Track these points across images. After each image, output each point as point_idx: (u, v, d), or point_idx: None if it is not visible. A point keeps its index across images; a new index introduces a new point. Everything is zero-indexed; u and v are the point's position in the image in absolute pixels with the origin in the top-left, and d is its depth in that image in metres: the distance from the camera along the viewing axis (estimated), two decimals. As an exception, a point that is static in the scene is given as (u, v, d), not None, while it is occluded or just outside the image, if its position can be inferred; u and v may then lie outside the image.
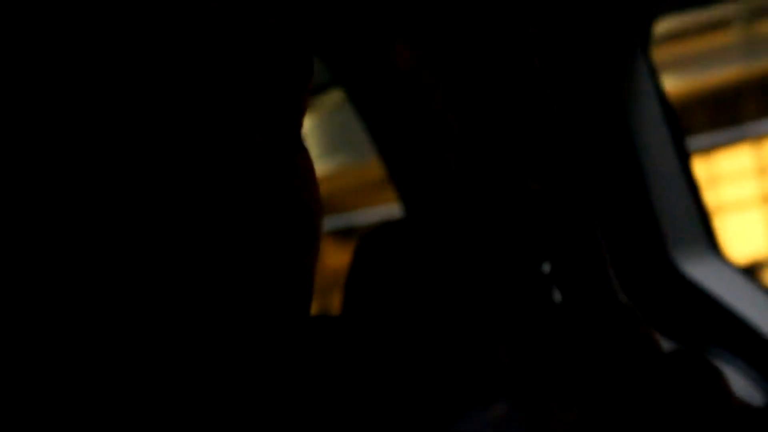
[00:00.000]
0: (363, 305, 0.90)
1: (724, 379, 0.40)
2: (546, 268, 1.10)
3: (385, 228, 1.06)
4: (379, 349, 0.52)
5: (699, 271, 1.23)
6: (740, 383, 1.18)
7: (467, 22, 1.18)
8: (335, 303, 1.15)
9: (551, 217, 1.23)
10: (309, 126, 0.46)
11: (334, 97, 1.46)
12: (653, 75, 1.22)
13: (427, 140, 1.25)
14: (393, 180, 1.29)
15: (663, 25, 1.20)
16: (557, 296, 1.12)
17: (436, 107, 1.24)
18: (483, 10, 1.16)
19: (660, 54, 1.25)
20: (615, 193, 1.22)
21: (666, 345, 1.21)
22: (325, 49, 1.30)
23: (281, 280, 0.40)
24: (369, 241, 1.05)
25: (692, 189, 1.24)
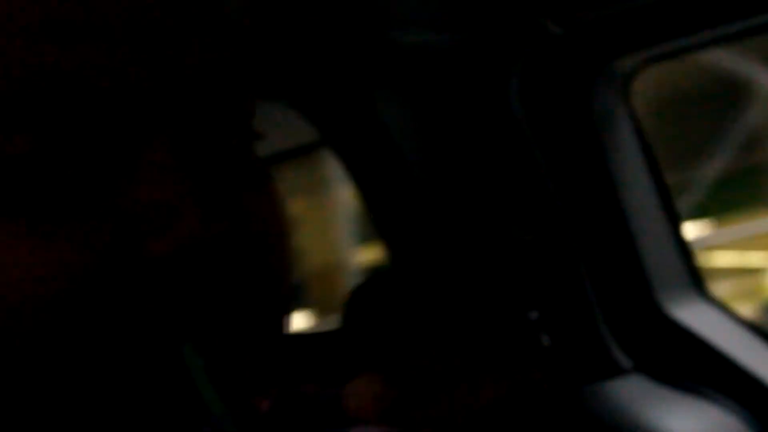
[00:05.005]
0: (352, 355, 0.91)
1: None
2: (534, 314, 1.11)
3: (372, 281, 1.08)
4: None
5: (686, 313, 1.24)
6: (732, 423, 1.19)
7: (448, 74, 1.20)
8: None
9: (539, 265, 1.24)
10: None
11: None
12: (635, 119, 1.24)
13: (414, 193, 1.26)
14: (380, 233, 1.31)
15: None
16: (546, 341, 1.14)
17: (422, 159, 1.25)
18: (464, 61, 1.18)
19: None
20: (599, 239, 1.23)
21: (657, 388, 1.21)
22: (312, 108, 1.31)
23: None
24: (357, 295, 1.06)
25: (676, 233, 1.26)
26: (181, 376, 0.39)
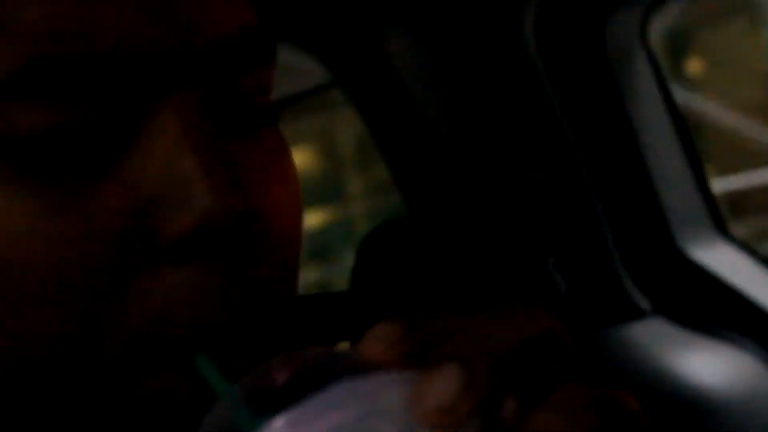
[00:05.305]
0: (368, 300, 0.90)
1: None
2: (551, 260, 1.10)
3: (388, 226, 1.06)
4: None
5: (705, 254, 1.22)
6: (752, 365, 1.18)
7: (461, 11, 1.18)
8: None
9: (555, 209, 1.23)
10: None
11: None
12: (652, 60, 1.22)
13: (426, 135, 1.25)
14: (395, 178, 1.29)
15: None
16: (563, 286, 1.13)
17: (434, 101, 1.24)
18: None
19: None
20: (616, 180, 1.22)
21: (676, 330, 1.20)
22: (322, 49, 1.30)
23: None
24: (372, 240, 1.05)
25: (696, 173, 1.24)
26: (195, 377, 0.37)
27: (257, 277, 0.40)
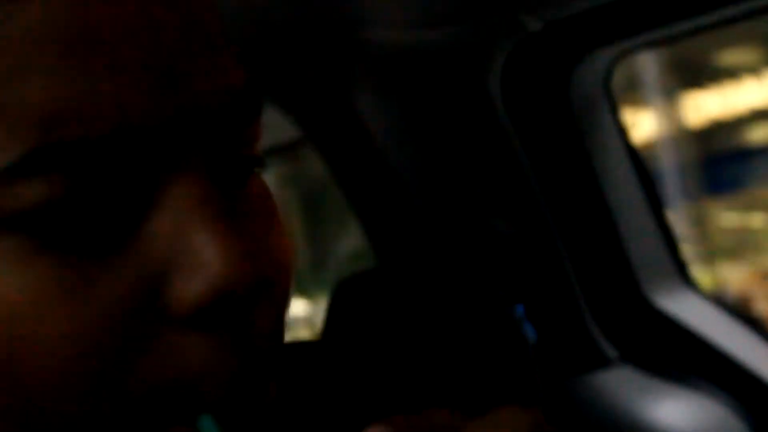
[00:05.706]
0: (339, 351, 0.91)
1: None
2: (518, 310, 1.11)
3: (359, 277, 1.08)
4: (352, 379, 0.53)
5: (671, 302, 1.24)
6: (718, 412, 1.19)
7: (428, 67, 1.20)
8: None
9: (522, 260, 1.24)
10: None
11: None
12: (615, 111, 1.24)
13: (396, 189, 1.26)
14: (366, 230, 1.30)
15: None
16: (531, 336, 1.14)
17: (402, 155, 1.25)
18: (442, 58, 1.18)
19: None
20: (583, 230, 1.23)
21: (643, 378, 1.21)
22: (293, 105, 1.31)
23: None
24: (344, 291, 1.06)
25: (660, 222, 1.26)
26: None
27: (261, 330, 0.40)
